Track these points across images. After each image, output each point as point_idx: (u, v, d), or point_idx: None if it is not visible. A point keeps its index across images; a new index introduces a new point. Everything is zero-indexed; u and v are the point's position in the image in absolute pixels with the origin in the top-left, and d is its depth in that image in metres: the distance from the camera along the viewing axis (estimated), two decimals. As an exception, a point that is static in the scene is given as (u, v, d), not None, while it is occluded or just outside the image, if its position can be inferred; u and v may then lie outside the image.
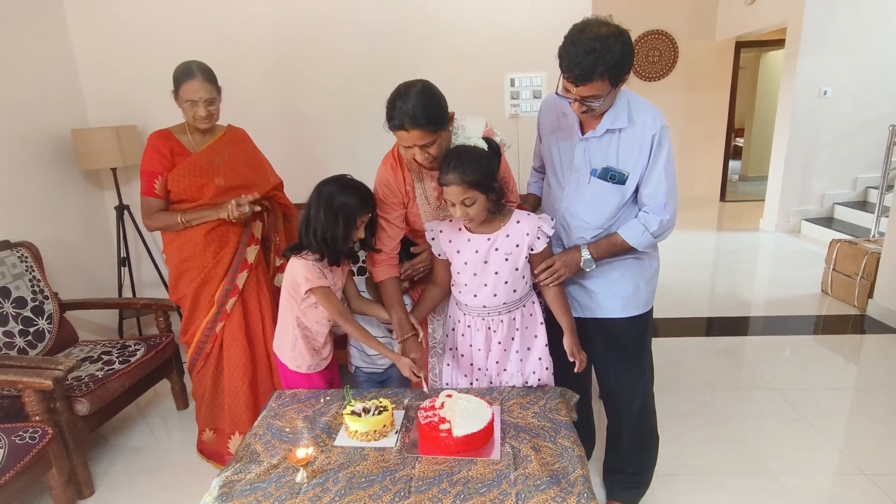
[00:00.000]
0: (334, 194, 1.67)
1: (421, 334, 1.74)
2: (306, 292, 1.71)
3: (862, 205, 5.28)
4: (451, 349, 1.79)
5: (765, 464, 2.15)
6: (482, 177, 1.50)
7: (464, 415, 1.45)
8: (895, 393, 2.61)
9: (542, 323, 1.73)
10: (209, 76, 2.00)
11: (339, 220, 1.65)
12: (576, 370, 1.66)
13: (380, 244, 1.79)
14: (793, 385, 2.71)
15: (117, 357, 2.37)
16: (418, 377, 1.65)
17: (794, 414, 2.47)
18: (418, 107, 1.51)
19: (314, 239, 1.68)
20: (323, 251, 1.68)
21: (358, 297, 1.88)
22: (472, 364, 1.75)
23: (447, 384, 1.83)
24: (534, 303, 1.72)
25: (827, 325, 3.50)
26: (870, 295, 3.52)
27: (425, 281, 1.92)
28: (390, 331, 1.97)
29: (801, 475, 2.08)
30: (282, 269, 2.28)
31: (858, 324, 3.43)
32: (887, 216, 3.48)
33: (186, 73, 1.97)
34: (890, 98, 5.14)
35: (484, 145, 1.56)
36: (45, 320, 2.43)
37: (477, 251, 1.61)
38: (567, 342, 1.65)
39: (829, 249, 3.90)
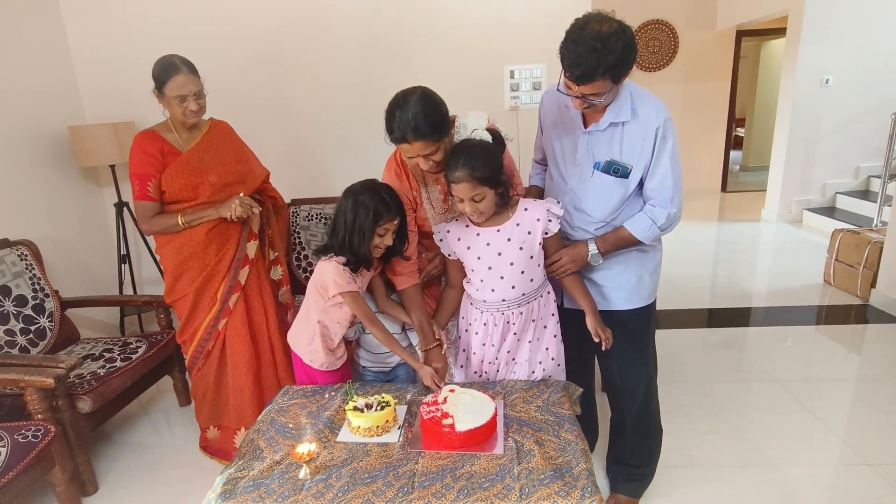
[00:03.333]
0: (357, 195, 1.63)
1: (445, 345, 1.72)
2: (334, 295, 1.70)
3: (864, 194, 5.26)
4: (464, 350, 1.78)
5: (767, 455, 2.15)
6: (491, 172, 1.50)
7: (466, 409, 1.44)
8: (898, 382, 2.61)
9: (553, 314, 1.72)
10: (193, 68, 1.96)
11: (357, 225, 1.60)
12: (603, 348, 1.64)
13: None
14: (795, 376, 2.71)
15: (119, 354, 2.37)
16: (439, 387, 1.63)
17: (797, 404, 2.47)
18: (420, 116, 1.46)
19: (336, 243, 1.66)
20: (345, 256, 1.66)
21: (385, 299, 1.86)
22: (482, 360, 1.75)
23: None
24: (549, 293, 1.72)
25: (829, 315, 3.50)
26: (872, 284, 3.51)
27: (436, 285, 1.91)
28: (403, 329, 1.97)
29: (803, 465, 2.08)
30: (276, 261, 2.28)
31: (861, 313, 3.42)
32: (890, 205, 3.46)
33: (170, 68, 1.91)
34: (891, 85, 5.10)
35: (488, 137, 1.55)
36: (46, 318, 2.43)
37: (489, 244, 1.61)
38: (590, 322, 1.63)
39: (831, 239, 3.89)
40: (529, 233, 1.60)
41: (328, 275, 1.68)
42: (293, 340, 1.88)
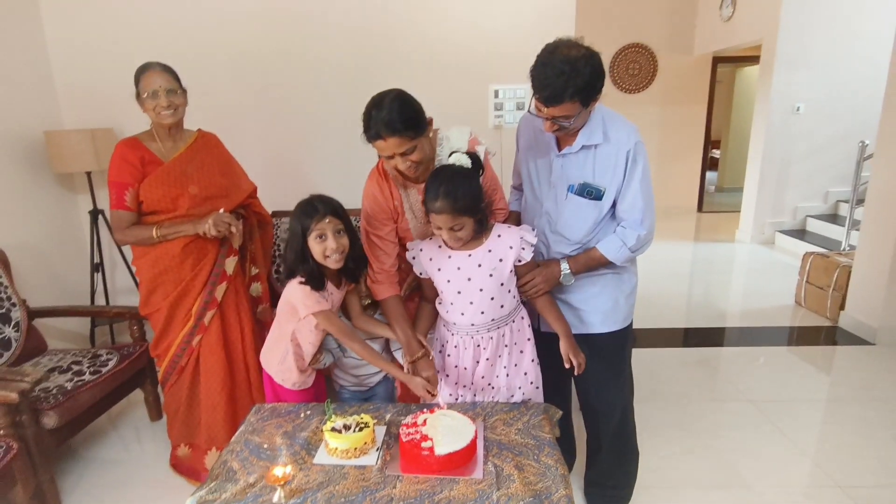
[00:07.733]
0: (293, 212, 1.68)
1: (431, 354, 1.70)
2: (305, 316, 1.68)
3: (833, 218, 5.43)
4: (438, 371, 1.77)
5: (740, 475, 2.18)
6: (471, 201, 1.50)
7: (446, 432, 1.43)
8: (866, 404, 2.67)
9: (529, 339, 1.72)
10: (167, 68, 1.96)
11: (290, 235, 1.66)
12: (576, 373, 1.64)
13: (377, 262, 1.74)
14: (767, 396, 2.76)
15: (88, 367, 2.29)
16: (434, 395, 1.61)
17: (769, 425, 2.51)
18: (394, 112, 1.49)
19: (286, 261, 1.68)
20: (302, 273, 1.65)
21: (361, 316, 1.83)
22: (456, 383, 1.74)
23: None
24: (522, 318, 1.71)
25: (800, 336, 3.58)
26: (841, 307, 3.61)
27: (415, 299, 1.89)
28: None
29: (776, 486, 2.11)
30: (257, 278, 2.24)
31: (831, 335, 3.52)
32: (858, 230, 3.57)
33: (144, 67, 1.94)
34: (859, 114, 5.28)
35: (466, 162, 1.54)
36: (13, 328, 2.34)
37: (459, 268, 1.60)
38: (563, 346, 1.63)
39: (802, 262, 3.99)
40: (501, 260, 1.59)
41: (296, 297, 1.66)
42: (265, 360, 1.84)
